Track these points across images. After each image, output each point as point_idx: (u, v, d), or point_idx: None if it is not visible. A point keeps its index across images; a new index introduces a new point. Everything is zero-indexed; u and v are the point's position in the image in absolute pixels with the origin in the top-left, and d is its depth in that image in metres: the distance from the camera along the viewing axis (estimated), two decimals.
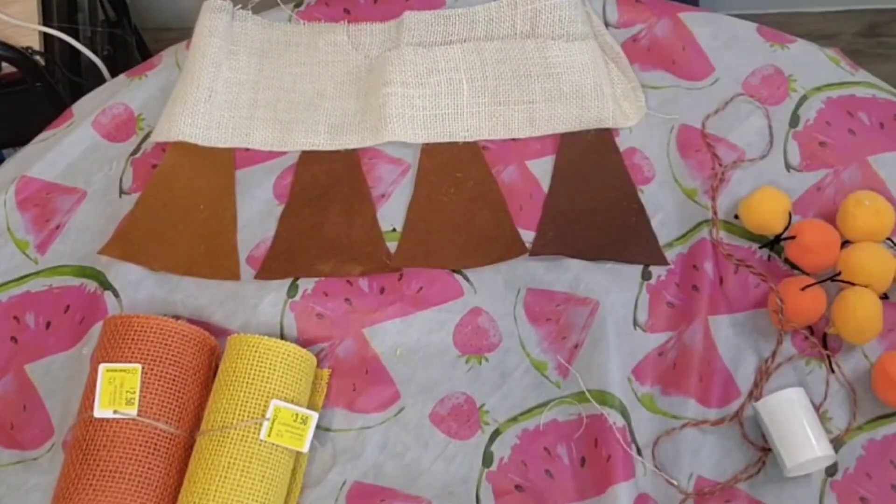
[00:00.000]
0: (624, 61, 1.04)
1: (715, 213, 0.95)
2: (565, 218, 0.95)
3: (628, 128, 1.00)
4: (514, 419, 0.87)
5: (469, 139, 1.01)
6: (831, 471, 0.84)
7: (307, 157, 1.01)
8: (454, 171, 0.99)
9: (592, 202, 0.96)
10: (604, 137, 1.00)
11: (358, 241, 0.96)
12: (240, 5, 1.09)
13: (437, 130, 1.01)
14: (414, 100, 1.02)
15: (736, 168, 0.97)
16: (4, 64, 1.25)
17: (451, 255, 0.94)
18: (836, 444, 0.84)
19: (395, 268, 0.94)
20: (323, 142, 1.02)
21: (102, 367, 0.84)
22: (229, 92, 1.04)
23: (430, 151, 1.01)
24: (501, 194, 0.97)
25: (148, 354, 0.84)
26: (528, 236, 0.96)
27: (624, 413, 0.86)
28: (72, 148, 1.03)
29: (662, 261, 0.93)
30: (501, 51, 1.04)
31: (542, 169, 0.99)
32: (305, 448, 0.83)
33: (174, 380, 0.85)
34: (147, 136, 1.04)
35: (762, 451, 0.85)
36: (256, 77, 1.06)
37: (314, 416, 0.84)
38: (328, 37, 1.08)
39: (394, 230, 0.97)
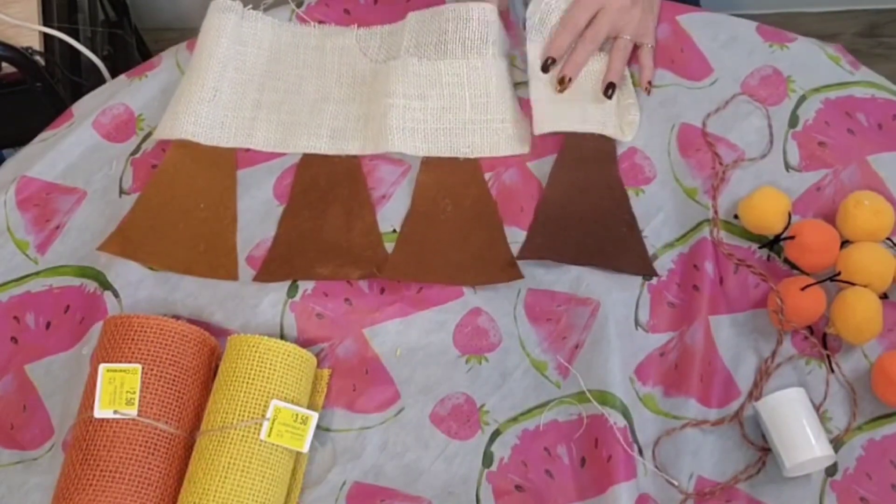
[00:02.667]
0: (627, 78, 1.04)
1: (716, 212, 0.95)
2: (557, 224, 0.95)
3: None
4: (515, 419, 0.87)
5: (470, 155, 1.00)
6: (831, 471, 0.84)
7: (308, 159, 1.01)
8: (453, 187, 0.99)
9: (585, 210, 0.96)
10: (605, 146, 1.00)
11: (357, 244, 0.96)
12: (250, 5, 1.08)
13: (438, 144, 1.01)
14: (416, 112, 1.01)
15: (736, 168, 0.98)
16: (4, 64, 1.25)
17: (442, 271, 0.94)
18: (836, 443, 0.85)
19: (388, 279, 0.93)
20: (325, 145, 1.02)
21: (102, 367, 0.84)
22: (234, 92, 1.04)
23: (430, 164, 1.00)
24: (499, 215, 0.97)
25: (148, 354, 0.84)
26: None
27: (625, 413, 0.86)
28: (72, 148, 1.03)
29: (651, 272, 0.93)
30: (507, 67, 1.04)
31: (542, 170, 0.99)
32: (305, 448, 0.83)
33: (174, 380, 0.85)
34: (147, 136, 1.04)
35: (762, 451, 0.85)
36: (262, 78, 1.06)
37: (314, 417, 0.84)
38: (336, 40, 1.08)
39: (394, 231, 0.97)
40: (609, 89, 1.01)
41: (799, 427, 0.82)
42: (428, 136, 1.01)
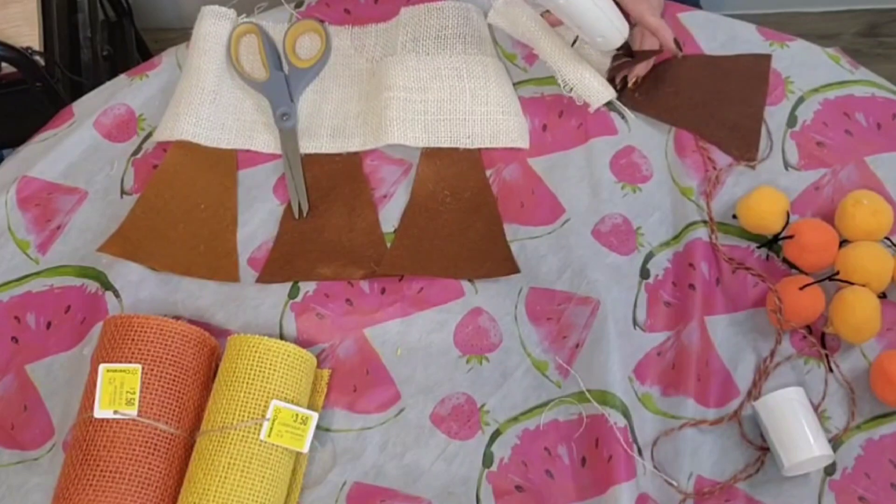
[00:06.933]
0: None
1: (711, 218, 0.95)
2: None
3: (627, 126, 1.00)
4: (515, 419, 0.88)
5: (471, 146, 1.01)
6: (830, 470, 0.84)
7: (308, 159, 1.02)
8: (452, 178, 0.99)
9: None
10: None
11: (359, 244, 0.96)
12: (244, 14, 1.09)
13: (438, 135, 1.01)
14: (416, 104, 1.01)
15: (731, 171, 0.98)
16: (4, 64, 1.25)
17: (440, 264, 0.94)
18: (835, 443, 0.85)
19: (386, 274, 0.94)
20: (325, 145, 1.02)
21: (102, 367, 0.84)
22: (234, 97, 1.05)
23: (431, 156, 1.01)
24: (497, 209, 0.97)
25: (148, 355, 0.84)
26: (528, 232, 0.96)
27: (625, 413, 0.86)
28: (73, 148, 1.04)
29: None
30: (504, 65, 1.05)
31: (543, 165, 0.99)
32: (305, 448, 0.84)
33: (174, 380, 0.85)
34: (148, 136, 1.04)
35: (761, 450, 0.85)
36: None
37: (314, 417, 0.84)
38: (332, 41, 1.08)
39: (396, 230, 0.97)
40: (636, 82, 1.02)
41: (798, 426, 0.82)
42: (428, 126, 1.01)
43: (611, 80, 1.02)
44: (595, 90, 1.01)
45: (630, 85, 1.01)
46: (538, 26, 1.03)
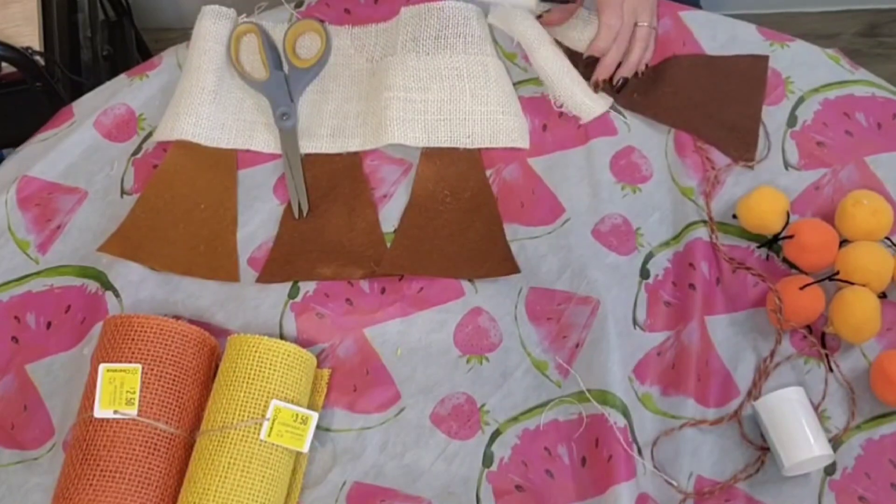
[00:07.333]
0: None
1: (711, 217, 0.95)
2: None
3: (627, 126, 1.00)
4: (515, 419, 0.88)
5: (471, 146, 1.01)
6: (830, 470, 0.84)
7: (308, 159, 1.02)
8: (452, 178, 0.99)
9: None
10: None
11: (359, 244, 0.96)
12: (244, 14, 1.09)
13: (438, 135, 1.01)
14: (416, 104, 1.02)
15: (730, 171, 0.98)
16: (4, 64, 1.25)
17: (440, 264, 0.94)
18: (835, 443, 0.85)
19: (386, 274, 0.94)
20: (325, 145, 1.02)
21: (102, 367, 0.84)
22: (234, 97, 1.05)
23: (430, 156, 1.01)
24: (497, 208, 0.97)
25: (148, 354, 0.84)
26: (528, 232, 0.96)
27: (625, 413, 0.86)
28: (73, 148, 1.03)
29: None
30: (504, 65, 1.05)
31: (543, 165, 0.99)
32: (305, 448, 0.84)
33: (174, 380, 0.85)
34: (148, 135, 1.04)
35: (761, 450, 0.85)
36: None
37: (314, 417, 0.84)
38: (332, 41, 1.08)
39: (396, 230, 0.97)
40: (621, 84, 1.01)
41: (798, 426, 0.82)
42: (428, 126, 1.01)
43: (588, 69, 1.01)
44: (585, 106, 1.01)
45: (595, 79, 1.01)
46: (534, 34, 1.03)
